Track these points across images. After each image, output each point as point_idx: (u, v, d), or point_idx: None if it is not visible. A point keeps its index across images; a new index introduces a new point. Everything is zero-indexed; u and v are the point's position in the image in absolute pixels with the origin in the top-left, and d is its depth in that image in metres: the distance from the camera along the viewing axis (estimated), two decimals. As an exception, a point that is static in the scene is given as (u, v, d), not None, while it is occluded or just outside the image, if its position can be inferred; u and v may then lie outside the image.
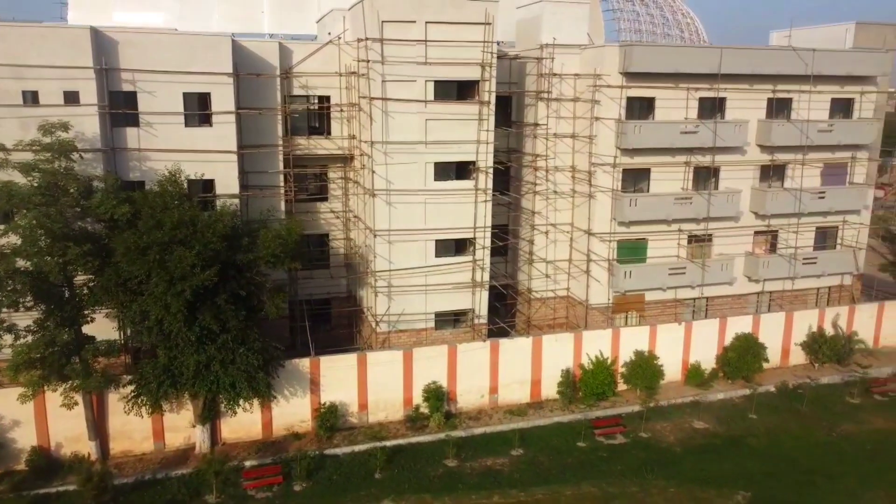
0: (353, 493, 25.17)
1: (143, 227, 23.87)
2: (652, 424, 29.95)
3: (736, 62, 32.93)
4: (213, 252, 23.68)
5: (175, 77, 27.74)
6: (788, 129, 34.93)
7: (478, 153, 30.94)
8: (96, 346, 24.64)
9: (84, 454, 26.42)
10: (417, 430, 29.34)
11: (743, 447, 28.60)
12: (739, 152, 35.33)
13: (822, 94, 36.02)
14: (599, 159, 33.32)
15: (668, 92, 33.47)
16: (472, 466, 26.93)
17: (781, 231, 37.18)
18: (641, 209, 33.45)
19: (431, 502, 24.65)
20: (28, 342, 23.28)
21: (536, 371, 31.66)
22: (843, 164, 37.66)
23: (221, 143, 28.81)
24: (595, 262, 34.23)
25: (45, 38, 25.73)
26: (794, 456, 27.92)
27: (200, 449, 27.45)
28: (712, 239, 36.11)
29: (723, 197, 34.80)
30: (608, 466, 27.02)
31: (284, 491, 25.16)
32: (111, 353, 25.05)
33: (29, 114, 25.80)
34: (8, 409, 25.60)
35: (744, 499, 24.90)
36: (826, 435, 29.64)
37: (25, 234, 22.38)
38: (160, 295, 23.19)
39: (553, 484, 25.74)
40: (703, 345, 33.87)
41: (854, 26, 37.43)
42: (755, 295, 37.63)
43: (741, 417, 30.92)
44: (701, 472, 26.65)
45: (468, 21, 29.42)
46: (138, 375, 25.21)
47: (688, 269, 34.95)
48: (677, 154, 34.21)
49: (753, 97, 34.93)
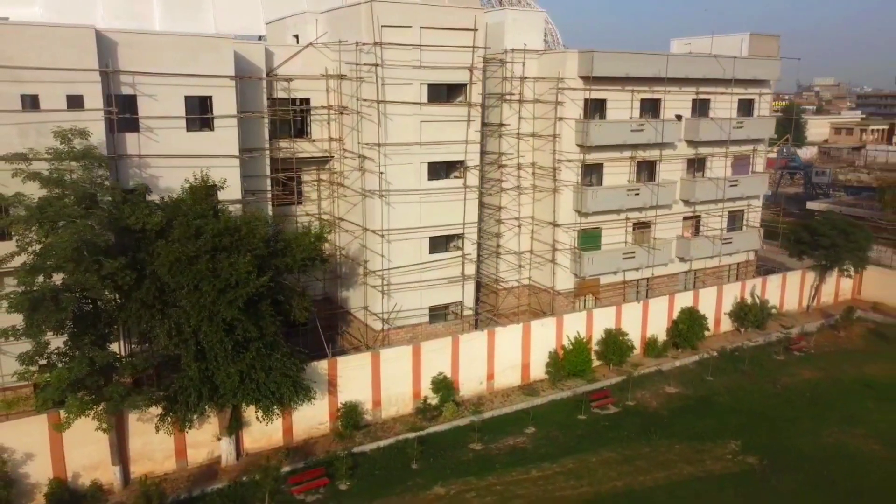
0: (399, 484, 25.95)
1: (178, 235, 23.04)
2: (632, 394, 33.26)
3: (676, 67, 37.16)
4: (260, 258, 23.44)
5: (177, 80, 26.66)
6: (711, 125, 39.91)
7: (466, 153, 32.57)
8: (133, 364, 23.38)
9: (105, 482, 24.90)
10: (430, 421, 30.46)
11: (714, 405, 32.72)
12: (672, 147, 39.75)
13: (732, 96, 41.45)
14: (562, 156, 36.13)
15: (617, 94, 37.01)
16: (497, 448, 28.63)
17: (703, 216, 42.29)
18: (601, 200, 36.74)
19: (477, 484, 26.07)
20: (67, 364, 21.66)
21: (526, 355, 33.90)
22: (747, 155, 43.52)
23: (223, 148, 28.06)
24: (561, 250, 37.04)
25: (44, 38, 23.78)
26: (755, 408, 32.43)
27: (227, 461, 26.79)
28: (651, 225, 40.34)
29: (662, 187, 39.03)
30: (614, 433, 29.88)
31: (332, 492, 25.41)
32: (146, 369, 23.83)
33: (28, 119, 23.77)
34: (18, 442, 23.57)
35: (737, 446, 28.78)
36: (772, 388, 34.60)
37: (64, 250, 20.86)
38: (209, 304, 22.59)
39: (576, 454, 28.12)
40: (656, 320, 37.92)
41: (749, 36, 43.30)
42: (684, 273, 42.47)
43: (700, 380, 35.18)
44: (691, 429, 30.28)
45: (458, 27, 30.91)
46: (172, 390, 24.19)
47: (637, 254, 38.83)
48: (624, 150, 37.89)
49: (682, 98, 39.47)
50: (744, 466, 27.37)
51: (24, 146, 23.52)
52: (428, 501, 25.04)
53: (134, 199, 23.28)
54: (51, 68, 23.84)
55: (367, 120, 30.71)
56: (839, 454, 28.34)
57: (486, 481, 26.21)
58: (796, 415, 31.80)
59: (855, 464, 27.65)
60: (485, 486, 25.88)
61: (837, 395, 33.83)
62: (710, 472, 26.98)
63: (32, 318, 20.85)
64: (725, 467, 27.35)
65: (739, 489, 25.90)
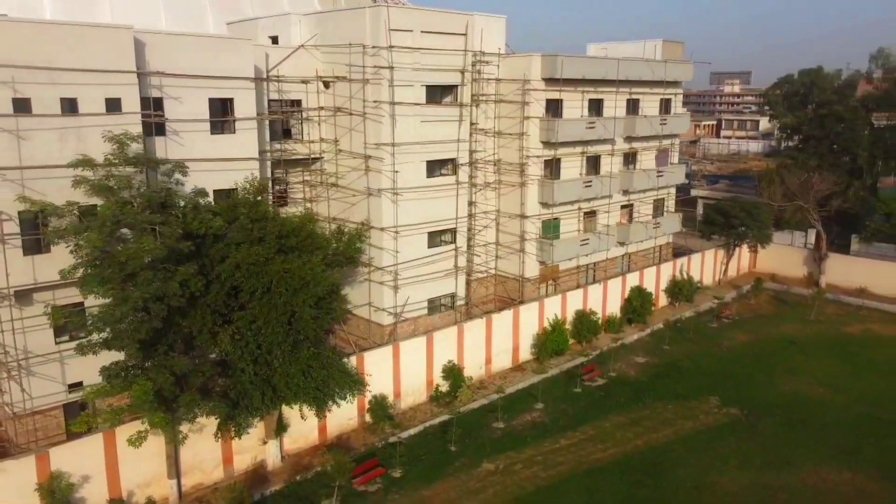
0: (447, 465, 27.36)
1: (237, 238, 22.98)
2: (611, 366, 36.70)
3: (622, 70, 41.09)
4: (325, 256, 23.93)
5: (201, 82, 26.13)
6: (644, 122, 44.46)
7: (458, 151, 34.31)
8: (202, 371, 22.89)
9: (158, 498, 24.11)
10: (444, 406, 31.93)
11: (681, 369, 36.92)
12: (612, 143, 43.82)
13: (656, 96, 46.35)
14: (528, 152, 38.83)
15: (570, 94, 40.32)
16: (518, 424, 30.76)
17: (636, 204, 46.91)
18: (565, 192, 39.91)
19: (519, 456, 28.07)
20: (147, 376, 20.96)
21: (516, 339, 36.28)
22: (666, 149, 48.76)
23: (244, 150, 27.85)
24: (530, 240, 39.76)
25: (84, 39, 22.55)
26: (715, 369, 37.03)
27: (273, 464, 26.75)
28: (596, 214, 44.21)
29: (609, 179, 42.99)
30: (612, 401, 33.04)
31: (389, 480, 26.30)
32: (212, 376, 23.39)
33: (67, 124, 22.47)
34: (76, 465, 22.35)
35: (717, 401, 32.96)
36: (719, 351, 39.53)
37: (143, 258, 20.29)
38: (281, 305, 22.77)
39: (590, 422, 30.92)
40: (613, 299, 41.79)
41: (661, 43, 48.53)
42: (621, 257, 46.87)
43: (660, 350, 39.41)
44: (673, 391, 34.15)
45: (451, 31, 32.56)
46: (234, 395, 23.87)
47: (590, 240, 42.49)
48: (577, 146, 41.33)
49: (619, 98, 43.62)
50: (731, 417, 31.55)
51: (65, 152, 22.32)
52: (483, 477, 26.68)
53: (195, 203, 22.83)
54: (96, 70, 22.74)
55: (371, 121, 31.49)
56: (796, 399, 33.38)
57: (525, 454, 28.28)
58: (749, 371, 36.74)
59: (811, 406, 32.76)
60: (527, 458, 27.95)
61: (772, 352, 39.36)
62: (707, 425, 30.87)
63: (120, 330, 20.06)
64: (717, 419, 31.38)
65: (736, 435, 29.93)
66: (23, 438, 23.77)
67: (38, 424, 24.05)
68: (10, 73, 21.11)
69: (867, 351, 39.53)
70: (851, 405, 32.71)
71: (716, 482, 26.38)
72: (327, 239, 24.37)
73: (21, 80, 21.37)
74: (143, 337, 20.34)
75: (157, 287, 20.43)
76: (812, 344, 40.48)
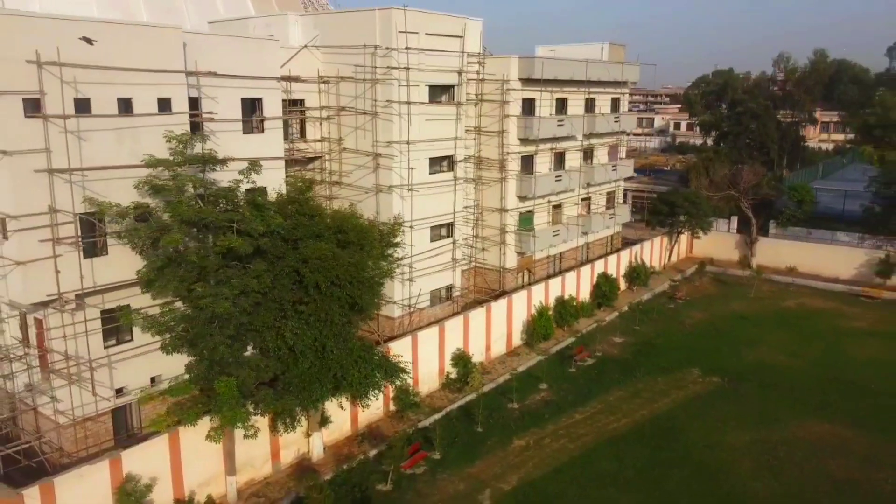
0: (481, 445, 28.94)
1: (299, 234, 23.61)
2: (595, 346, 39.41)
3: (585, 71, 43.94)
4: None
5: (234, 82, 26.29)
6: (602, 120, 47.63)
7: (455, 148, 35.85)
8: (269, 366, 23.27)
9: (216, 496, 24.27)
10: (457, 392, 33.45)
11: (656, 346, 40.14)
12: (575, 139, 46.69)
13: (608, 95, 49.68)
14: (508, 149, 40.91)
15: (540, 94, 42.74)
16: (531, 403, 32.75)
17: (593, 196, 50.08)
18: (542, 186, 42.30)
19: (543, 432, 30.06)
20: (229, 373, 21.26)
21: (509, 325, 38.28)
22: (616, 145, 52.28)
23: (272, 150, 28.11)
24: (510, 232, 41.85)
25: (138, 38, 22.32)
26: (685, 344, 40.54)
27: (317, 456, 27.38)
28: (562, 207, 46.95)
29: (575, 173, 45.82)
30: (607, 377, 35.66)
31: (432, 462, 27.58)
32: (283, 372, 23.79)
33: (122, 124, 22.24)
34: (143, 467, 22.22)
35: (698, 372, 36.30)
36: (684, 329, 43.22)
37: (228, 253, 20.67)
38: (346, 297, 23.60)
39: (595, 397, 33.36)
40: (584, 285, 44.65)
41: (608, 45, 51.98)
42: (582, 246, 49.92)
43: (632, 330, 42.58)
44: (657, 365, 37.22)
45: (451, 34, 34.08)
46: (297, 388, 24.35)
47: (561, 231, 45.16)
48: (548, 143, 43.85)
49: (579, 98, 46.54)
50: (714, 385, 34.92)
51: (121, 153, 22.15)
52: (517, 452, 28.46)
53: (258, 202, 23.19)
54: (152, 70, 22.57)
55: (380, 119, 32.46)
56: (763, 366, 37.30)
57: (548, 429, 30.31)
58: (715, 344, 40.52)
59: (777, 371, 36.74)
60: (552, 432, 29.99)
61: (728, 327, 43.47)
62: (697, 393, 34.06)
63: (208, 329, 20.30)
64: (704, 387, 34.67)
65: (724, 400, 33.25)
66: (74, 446, 23.22)
67: (88, 431, 23.53)
68: (72, 72, 20.74)
69: (806, 322, 44.43)
70: (810, 368, 36.98)
71: (722, 441, 29.44)
72: (375, 233, 25.26)
73: (82, 80, 21.03)
74: (232, 332, 20.64)
75: (240, 283, 20.82)
76: (759, 318, 44.97)
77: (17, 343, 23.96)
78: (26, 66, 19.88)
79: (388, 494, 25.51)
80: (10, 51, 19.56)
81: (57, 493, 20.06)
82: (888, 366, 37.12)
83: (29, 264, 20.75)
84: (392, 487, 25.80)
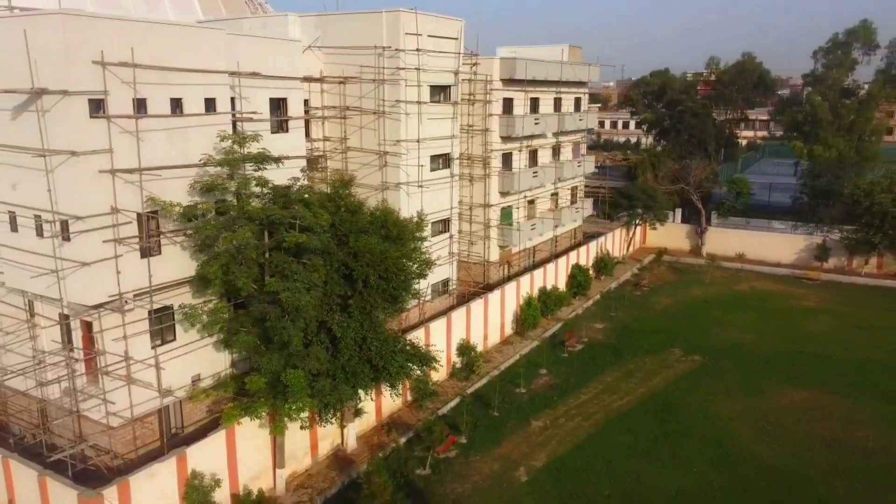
0: (502, 427, 30.46)
1: (344, 229, 24.43)
2: (581, 332, 41.60)
3: (560, 72, 46.12)
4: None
5: (265, 82, 26.68)
6: (570, 118, 50.01)
7: (452, 146, 37.16)
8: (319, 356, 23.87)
9: (266, 489, 24.75)
10: (463, 381, 34.82)
11: (634, 330, 42.71)
12: (544, 137, 48.84)
13: (572, 95, 52.15)
14: (491, 147, 42.56)
15: (517, 94, 44.63)
16: (537, 387, 34.52)
17: (560, 191, 52.44)
18: (522, 182, 44.17)
19: (556, 412, 31.86)
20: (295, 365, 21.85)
21: (502, 315, 39.94)
22: (579, 142, 54.87)
23: (296, 149, 28.61)
24: (494, 227, 43.49)
25: (188, 39, 22.53)
26: (659, 327, 43.28)
27: (351, 446, 28.19)
28: (535, 202, 49.03)
29: (550, 169, 47.97)
30: (600, 360, 37.84)
31: (462, 446, 28.87)
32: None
33: (173, 125, 22.40)
34: (204, 463, 22.54)
35: (680, 352, 39.03)
36: (655, 314, 46.09)
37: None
38: (391, 290, 24.59)
39: (594, 378, 35.43)
40: (561, 276, 46.87)
41: (568, 47, 54.46)
42: (551, 239, 52.19)
43: (609, 316, 45.09)
44: (641, 348, 39.72)
45: (449, 36, 35.36)
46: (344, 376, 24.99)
47: (537, 225, 47.20)
48: (524, 140, 45.78)
49: (549, 97, 48.74)
50: (697, 363, 37.68)
51: (172, 152, 22.35)
52: (538, 432, 30.13)
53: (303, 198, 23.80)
54: (210, 71, 22.94)
55: (386, 119, 33.35)
56: (734, 344, 40.46)
57: (559, 410, 32.13)
58: (686, 326, 43.49)
59: (749, 348, 39.93)
60: (564, 412, 31.82)
61: (694, 310, 46.69)
62: (684, 370, 36.71)
63: (282, 322, 20.87)
64: (689, 365, 37.37)
65: (709, 375, 36.00)
66: (124, 448, 23.16)
67: (137, 432, 23.50)
68: (129, 73, 20.81)
69: (761, 303, 48.23)
70: (776, 344, 40.41)
71: (718, 412, 32.07)
72: (412, 228, 26.25)
73: (139, 80, 21.11)
74: (304, 325, 21.28)
75: (305, 278, 21.49)
76: (719, 301, 48.47)
77: (56, 349, 23.61)
78: (91, 67, 19.87)
79: (428, 478, 26.63)
80: (78, 51, 19.52)
81: (132, 492, 20.21)
82: (842, 339, 41.06)
83: (89, 265, 20.67)
84: (431, 472, 26.93)
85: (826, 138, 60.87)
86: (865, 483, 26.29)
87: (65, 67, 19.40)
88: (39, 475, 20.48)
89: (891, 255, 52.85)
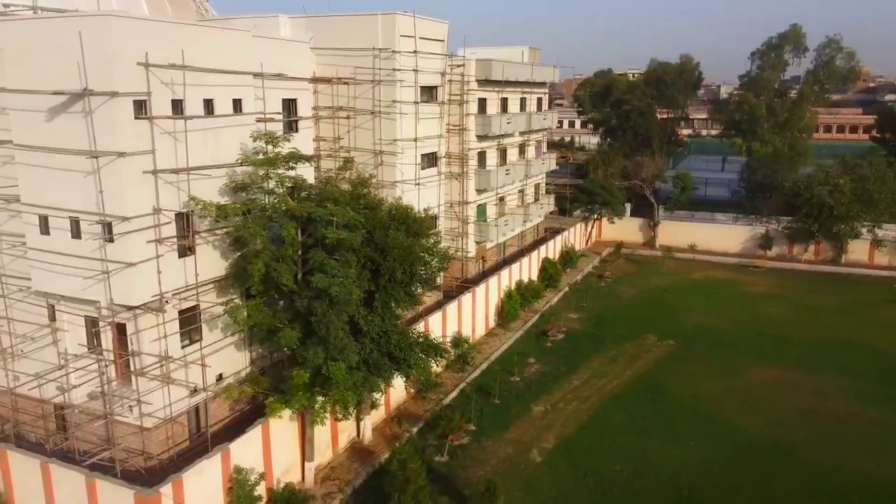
0: (506, 414, 31.83)
1: (369, 225, 25.17)
2: (560, 324, 43.41)
3: (531, 73, 47.84)
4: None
5: (276, 83, 27.04)
6: (535, 118, 51.86)
7: (439, 145, 38.23)
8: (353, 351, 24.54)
9: (296, 482, 25.27)
10: (459, 372, 35.98)
11: (609, 319, 44.91)
12: (514, 136, 50.49)
13: (535, 95, 54.03)
14: (469, 146, 43.84)
15: (489, 94, 46.08)
16: (529, 375, 36.04)
17: (526, 188, 54.25)
18: (497, 179, 45.65)
19: (553, 398, 33.47)
20: (335, 358, 22.48)
21: (487, 308, 41.30)
22: (540, 140, 56.84)
23: (304, 149, 28.95)
24: (472, 223, 44.77)
25: (219, 41, 22.76)
26: (630, 315, 45.62)
27: (368, 438, 28.96)
28: (505, 198, 50.63)
29: (521, 167, 49.67)
30: (583, 348, 39.75)
31: (472, 434, 30.03)
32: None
33: (206, 125, 22.62)
34: (243, 458, 22.91)
35: (654, 337, 41.35)
36: (622, 303, 48.47)
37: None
38: (414, 284, 25.53)
39: (582, 365, 37.23)
40: (533, 269, 48.66)
41: (528, 49, 56.36)
42: (519, 234, 53.94)
43: (581, 306, 47.16)
44: (619, 335, 41.81)
45: (437, 38, 36.41)
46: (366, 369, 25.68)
47: (509, 221, 48.80)
48: (496, 139, 47.27)
49: (517, 97, 50.41)
50: (672, 347, 40.09)
51: (205, 153, 22.60)
52: (542, 416, 31.66)
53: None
54: (241, 72, 23.31)
55: (381, 119, 34.12)
56: (702, 329, 43.14)
57: (556, 395, 33.76)
58: (654, 314, 46.00)
59: (715, 332, 42.62)
60: (561, 398, 33.46)
61: (658, 299, 49.34)
62: (662, 354, 39.03)
63: (328, 316, 21.47)
64: (665, 350, 39.73)
65: (685, 358, 38.46)
66: (157, 449, 23.19)
67: (169, 432, 23.56)
68: (167, 74, 20.97)
69: (717, 290, 51.44)
70: (739, 327, 43.37)
71: (701, 391, 34.40)
72: (430, 224, 27.22)
73: (177, 81, 21.29)
74: (346, 318, 21.95)
75: (343, 273, 22.16)
76: (678, 290, 51.37)
77: (83, 353, 23.41)
78: (135, 69, 19.97)
79: (447, 464, 27.70)
80: (124, 53, 19.59)
81: (185, 488, 20.44)
82: (796, 320, 44.44)
83: (134, 266, 20.75)
84: (449, 458, 28.00)
85: (763, 135, 65.13)
86: (844, 446, 29.01)
87: (111, 69, 19.45)
88: (87, 478, 20.39)
89: (827, 243, 57.23)
